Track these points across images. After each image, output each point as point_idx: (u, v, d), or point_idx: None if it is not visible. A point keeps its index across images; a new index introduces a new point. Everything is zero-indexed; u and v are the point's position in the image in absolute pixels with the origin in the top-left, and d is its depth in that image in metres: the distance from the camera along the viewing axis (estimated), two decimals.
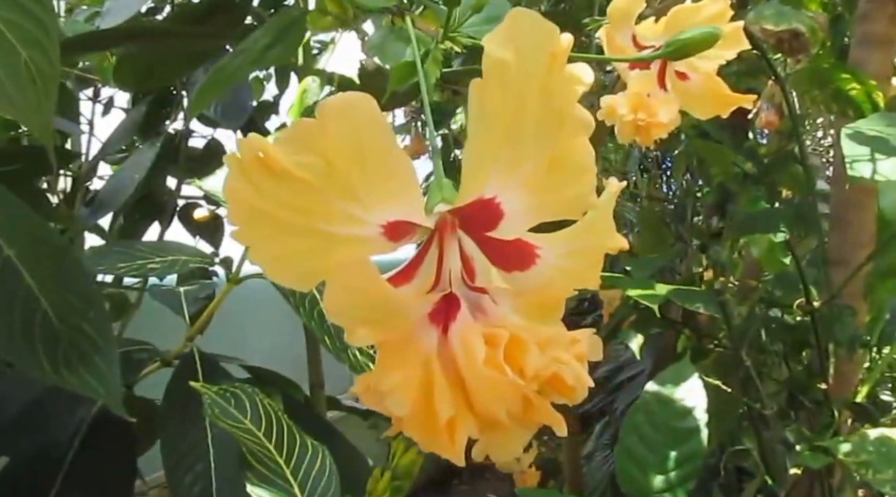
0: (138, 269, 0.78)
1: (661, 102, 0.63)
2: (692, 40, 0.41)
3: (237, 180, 0.27)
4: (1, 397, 0.78)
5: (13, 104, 0.54)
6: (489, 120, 0.26)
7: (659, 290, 1.07)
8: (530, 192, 0.28)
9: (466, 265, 0.31)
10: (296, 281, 0.28)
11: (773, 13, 0.99)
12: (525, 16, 0.26)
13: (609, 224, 0.31)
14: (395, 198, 0.27)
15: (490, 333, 0.28)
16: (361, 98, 0.26)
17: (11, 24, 0.54)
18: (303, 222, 0.27)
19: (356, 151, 0.26)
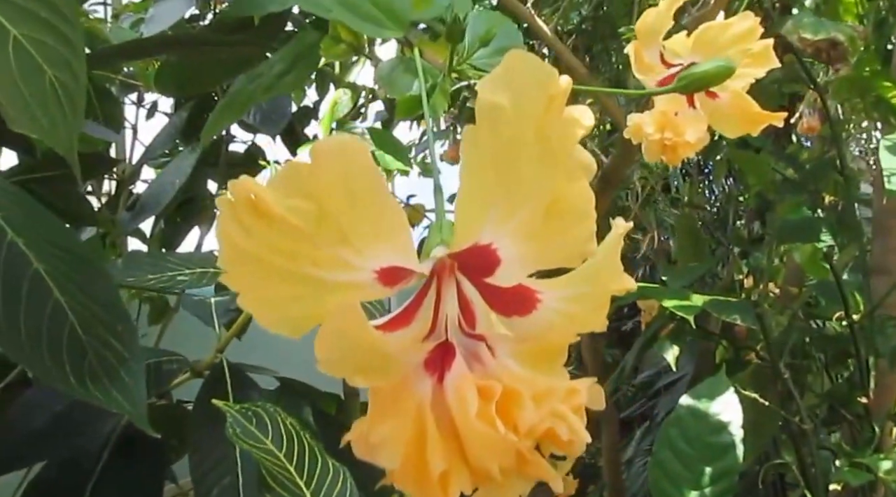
0: (168, 280, 0.78)
1: (689, 121, 0.61)
2: (706, 74, 0.40)
3: (228, 223, 0.26)
4: (32, 406, 0.79)
5: (37, 123, 0.54)
6: (483, 165, 0.25)
7: (695, 300, 1.05)
8: (527, 239, 0.27)
9: (465, 309, 0.30)
10: (286, 328, 0.27)
11: (811, 22, 0.97)
12: (522, 58, 0.25)
13: (615, 266, 0.29)
14: (388, 243, 0.27)
15: (484, 386, 0.27)
16: (353, 142, 0.25)
17: (37, 42, 0.54)
18: (294, 267, 0.26)
19: (348, 196, 0.25)
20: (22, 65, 0.53)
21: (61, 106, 0.55)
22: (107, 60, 1.27)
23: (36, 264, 0.64)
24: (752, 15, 0.59)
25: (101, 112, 1.39)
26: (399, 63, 0.42)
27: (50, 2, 0.54)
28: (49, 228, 0.68)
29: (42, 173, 1.19)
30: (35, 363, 0.62)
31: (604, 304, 0.30)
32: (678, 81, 0.41)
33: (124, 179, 1.60)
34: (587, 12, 1.80)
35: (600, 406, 0.29)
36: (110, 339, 0.67)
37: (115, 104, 1.48)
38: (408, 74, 0.40)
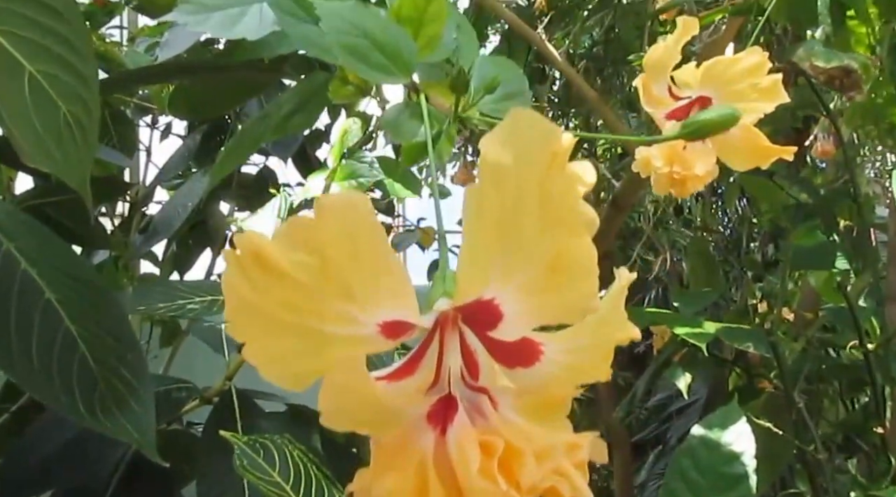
0: (178, 309, 0.79)
1: (698, 155, 0.62)
2: (711, 122, 0.40)
3: (234, 275, 0.26)
4: (44, 433, 0.79)
5: (51, 158, 0.55)
6: (487, 222, 0.26)
7: (707, 328, 1.05)
8: (530, 295, 0.27)
9: (469, 359, 0.30)
10: (289, 381, 0.28)
11: (824, 50, 0.97)
12: (525, 116, 0.26)
13: (620, 317, 0.30)
14: (391, 297, 0.27)
15: (487, 441, 0.27)
16: (357, 197, 0.26)
17: (52, 77, 0.55)
18: (298, 320, 0.26)
19: (352, 250, 0.26)
20: (37, 100, 0.54)
21: (74, 140, 0.56)
22: (123, 85, 1.28)
23: (48, 294, 0.65)
24: (760, 50, 0.60)
25: (115, 134, 1.41)
26: (405, 108, 0.42)
27: (64, 38, 0.55)
28: (62, 257, 0.69)
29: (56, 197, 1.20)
30: (46, 393, 0.63)
31: (608, 355, 0.30)
32: (683, 128, 0.42)
33: (137, 201, 1.61)
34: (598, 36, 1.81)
35: (603, 460, 0.29)
36: (120, 368, 0.67)
37: (129, 126, 1.50)
38: (413, 120, 0.41)
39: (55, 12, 0.56)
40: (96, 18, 1.46)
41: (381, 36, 0.40)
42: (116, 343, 0.68)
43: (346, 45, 0.38)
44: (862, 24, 0.90)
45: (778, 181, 1.33)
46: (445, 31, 0.44)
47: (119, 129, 1.44)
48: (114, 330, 0.68)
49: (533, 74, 1.67)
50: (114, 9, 1.51)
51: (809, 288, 1.56)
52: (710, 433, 0.92)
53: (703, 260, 1.54)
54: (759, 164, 0.63)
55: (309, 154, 1.54)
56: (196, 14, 0.49)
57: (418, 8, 0.43)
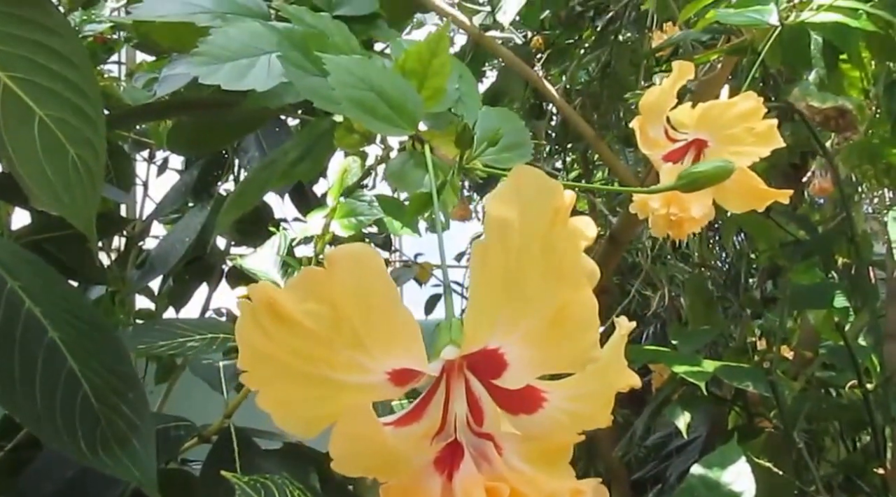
0: (178, 347, 0.80)
1: (694, 197, 0.63)
2: (705, 174, 0.42)
3: (248, 325, 0.28)
4: (42, 473, 0.80)
5: (59, 202, 0.56)
6: (492, 276, 0.27)
7: (706, 366, 1.06)
8: (534, 345, 0.29)
9: (474, 406, 0.32)
10: (302, 427, 0.29)
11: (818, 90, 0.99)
12: (528, 174, 0.27)
13: (620, 365, 0.31)
14: (399, 346, 0.28)
15: (492, 487, 0.28)
16: (366, 252, 0.27)
17: (61, 122, 0.56)
18: (310, 369, 0.28)
19: (362, 301, 0.27)
20: (46, 144, 0.55)
21: (82, 182, 0.57)
22: (122, 122, 1.30)
23: (52, 332, 0.66)
24: (755, 95, 0.62)
25: (112, 169, 1.42)
26: (409, 158, 0.44)
27: (73, 83, 0.57)
28: (64, 296, 0.70)
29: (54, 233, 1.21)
30: (48, 432, 0.63)
31: (609, 402, 0.32)
32: (679, 179, 0.43)
33: (134, 236, 1.62)
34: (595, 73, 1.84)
35: None
36: (122, 406, 0.68)
37: (126, 161, 1.51)
38: (418, 170, 0.42)
39: (64, 58, 0.57)
40: (96, 56, 1.48)
41: (388, 89, 0.41)
42: (118, 381, 0.69)
43: (353, 98, 0.40)
44: (855, 68, 0.92)
45: (775, 218, 1.35)
46: (448, 83, 0.46)
47: (116, 163, 1.45)
48: (115, 368, 0.69)
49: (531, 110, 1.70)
50: (113, 46, 1.53)
51: (809, 326, 1.58)
52: (710, 472, 0.93)
53: (701, 297, 1.56)
54: (755, 206, 0.65)
55: (305, 189, 1.55)
56: (207, 65, 0.51)
57: (423, 61, 0.45)
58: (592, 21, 1.77)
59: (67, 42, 0.57)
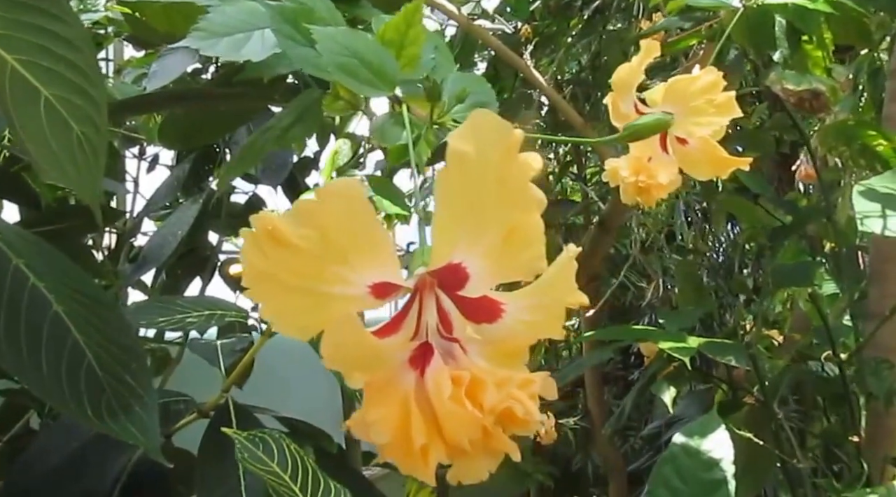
0: (178, 322, 0.86)
1: (661, 165, 0.70)
2: (645, 126, 0.49)
3: (250, 249, 0.34)
4: (46, 448, 0.86)
5: (66, 175, 0.63)
6: (453, 201, 0.34)
7: (691, 342, 1.13)
8: (490, 259, 0.36)
9: (444, 318, 0.39)
10: (298, 332, 0.36)
11: (793, 73, 1.05)
12: (485, 116, 0.34)
13: (568, 282, 0.38)
14: (379, 264, 0.35)
15: (456, 374, 0.35)
16: (354, 184, 0.34)
17: (65, 101, 0.63)
18: (303, 283, 0.34)
19: (347, 226, 0.34)
20: (52, 122, 0.62)
21: (86, 158, 0.63)
22: (115, 115, 1.36)
23: (56, 306, 0.71)
24: (716, 69, 0.68)
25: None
26: (390, 117, 0.51)
27: (76, 65, 0.63)
28: (67, 274, 0.75)
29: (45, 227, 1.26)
30: (56, 398, 0.69)
31: (560, 315, 0.38)
32: (624, 131, 0.50)
33: (125, 232, 1.67)
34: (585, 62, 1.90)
35: (553, 396, 0.37)
36: (125, 375, 0.73)
37: (115, 158, 1.56)
38: (397, 127, 0.49)
39: (68, 42, 0.63)
40: None
41: (369, 56, 0.49)
42: (121, 352, 0.74)
43: (338, 63, 0.47)
44: (818, 49, 0.98)
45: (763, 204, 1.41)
46: (424, 53, 0.53)
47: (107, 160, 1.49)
48: (119, 340, 0.75)
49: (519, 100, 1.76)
50: (102, 41, 1.58)
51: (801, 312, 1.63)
52: (691, 441, 0.99)
53: (691, 282, 1.61)
54: (718, 174, 0.71)
55: (298, 182, 1.61)
56: (207, 40, 0.58)
57: (400, 32, 0.52)
58: (580, 10, 1.83)
59: (71, 27, 0.64)
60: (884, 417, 1.17)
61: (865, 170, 1.19)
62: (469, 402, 0.34)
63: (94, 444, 0.87)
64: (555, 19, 1.78)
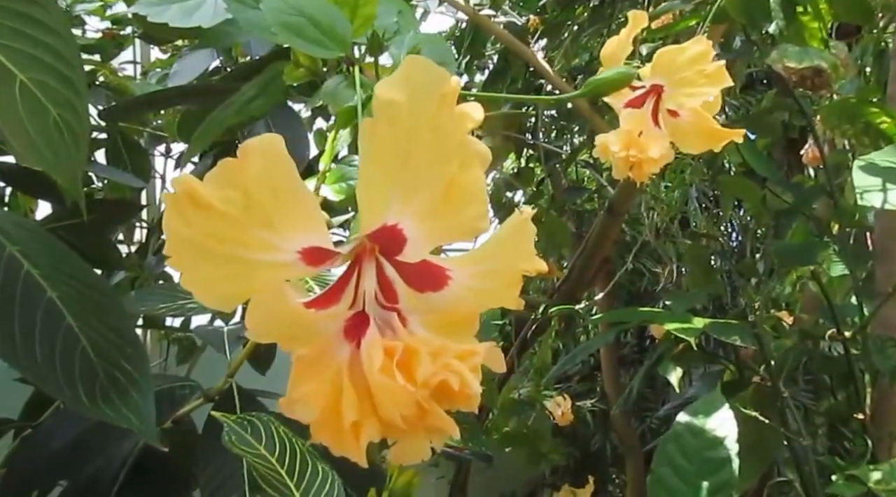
0: (178, 308, 0.82)
1: (652, 139, 0.65)
2: (607, 80, 0.44)
3: (171, 213, 0.30)
4: (52, 431, 0.83)
5: (44, 160, 0.59)
6: (382, 155, 0.29)
7: (696, 323, 1.08)
8: (427, 219, 0.31)
9: (388, 288, 0.34)
10: (221, 303, 0.31)
11: (796, 51, 1.00)
12: (418, 62, 0.29)
13: (524, 247, 0.33)
14: (306, 226, 0.30)
15: (388, 345, 0.30)
16: (275, 139, 0.29)
17: (42, 85, 0.59)
18: (226, 250, 0.30)
19: (271, 186, 0.29)
20: (28, 105, 0.58)
21: (65, 141, 0.60)
22: (129, 111, 1.33)
23: (50, 292, 0.68)
24: (705, 39, 0.63)
25: (129, 162, 1.44)
26: (342, 80, 0.46)
27: (53, 48, 0.59)
28: (63, 260, 0.72)
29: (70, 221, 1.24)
30: (50, 384, 0.66)
31: (514, 282, 0.33)
32: (585, 87, 0.45)
33: (153, 226, 1.66)
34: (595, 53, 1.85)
35: (500, 369, 0.32)
36: (121, 361, 0.70)
37: (142, 155, 1.54)
38: (349, 90, 0.45)
39: (45, 26, 0.60)
40: (106, 51, 1.51)
41: (317, 15, 0.44)
42: (117, 338, 0.71)
43: (283, 22, 0.43)
44: (814, 20, 0.93)
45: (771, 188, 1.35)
46: (387, 16, 0.49)
47: (133, 157, 1.48)
48: (115, 326, 0.71)
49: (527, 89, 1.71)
50: (122, 41, 1.56)
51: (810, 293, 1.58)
52: (696, 420, 0.94)
53: (700, 265, 1.56)
54: (710, 146, 0.66)
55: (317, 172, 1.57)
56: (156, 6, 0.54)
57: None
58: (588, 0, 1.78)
59: (48, 11, 0.60)
60: (889, 395, 1.11)
61: (870, 148, 1.14)
62: (401, 374, 0.29)
63: (98, 428, 0.84)
64: (563, 10, 1.73)
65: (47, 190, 1.31)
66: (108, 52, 1.51)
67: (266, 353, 1.13)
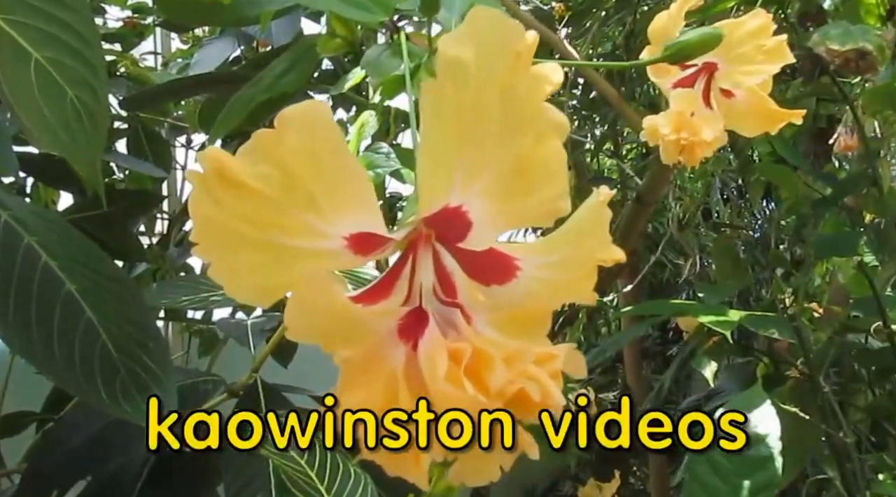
0: (201, 301, 0.78)
1: (705, 121, 0.59)
2: (690, 42, 0.39)
3: (198, 194, 0.25)
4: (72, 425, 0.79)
5: (59, 142, 0.54)
6: (445, 124, 0.24)
7: (732, 316, 1.03)
8: (497, 199, 0.26)
9: (445, 280, 0.29)
10: (255, 297, 0.26)
11: (838, 33, 0.95)
12: (486, 14, 0.24)
13: (600, 233, 0.28)
14: (354, 208, 0.25)
15: (454, 348, 0.25)
16: (318, 106, 0.24)
17: (58, 64, 0.54)
18: (262, 235, 0.25)
19: (312, 160, 0.24)
20: (43, 85, 0.54)
21: (82, 124, 0.55)
22: (148, 100, 1.29)
23: (69, 285, 0.64)
24: (764, 12, 0.58)
25: (150, 153, 1.41)
26: (385, 48, 0.41)
27: (70, 26, 0.55)
28: (83, 252, 0.68)
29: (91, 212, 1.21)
30: (68, 380, 0.62)
31: (590, 273, 0.28)
32: (665, 51, 0.40)
33: (175, 217, 1.63)
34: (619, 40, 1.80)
35: (581, 374, 0.27)
36: (142, 356, 0.66)
37: (163, 146, 1.51)
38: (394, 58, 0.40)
39: (61, 2, 0.55)
40: (127, 40, 1.47)
41: None
42: (138, 332, 0.67)
43: None
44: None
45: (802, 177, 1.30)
46: None
47: (154, 148, 1.45)
48: (135, 319, 0.67)
49: None
50: (143, 30, 1.52)
51: (838, 284, 1.53)
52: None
53: (729, 256, 1.51)
54: (768, 128, 0.61)
55: None
56: None
57: None
58: None
59: None
60: None
61: None
62: (470, 382, 0.24)
63: (120, 424, 0.80)
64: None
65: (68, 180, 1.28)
66: (128, 41, 1.48)
67: (288, 345, 1.09)
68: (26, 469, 0.80)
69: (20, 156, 1.11)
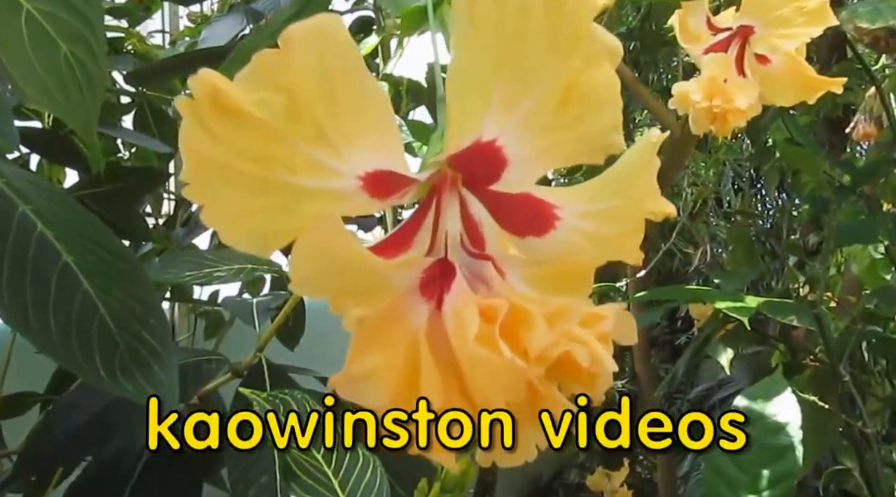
0: (205, 276, 0.75)
1: (739, 87, 0.55)
2: None
3: (190, 127, 0.21)
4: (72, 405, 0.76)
5: (52, 100, 0.50)
6: (481, 40, 0.20)
7: (749, 302, 0.99)
8: (538, 132, 0.22)
9: (473, 230, 0.25)
10: (255, 245, 0.22)
11: (868, 10, 0.90)
12: None
13: (649, 181, 0.24)
14: (373, 140, 0.21)
15: (487, 305, 0.21)
16: (330, 20, 0.21)
17: (50, 16, 0.50)
18: (264, 173, 0.21)
19: (324, 82, 0.21)
20: (35, 39, 0.50)
21: (77, 82, 0.51)
22: (156, 75, 1.25)
23: (66, 256, 0.61)
24: None
25: (156, 132, 1.39)
26: None
27: None
28: (84, 225, 0.65)
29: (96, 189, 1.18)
30: (65, 356, 0.59)
31: (637, 228, 0.25)
32: None
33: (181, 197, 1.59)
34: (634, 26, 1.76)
35: (632, 340, 0.23)
36: (142, 332, 0.63)
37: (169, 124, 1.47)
38: None
39: None
40: (134, 16, 1.44)
41: None
42: (138, 307, 0.64)
43: None
44: None
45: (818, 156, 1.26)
46: None
47: (160, 125, 1.42)
48: (136, 294, 0.64)
49: None
50: (150, 5, 1.48)
51: (851, 275, 1.50)
52: (754, 404, 0.85)
53: (742, 244, 1.48)
54: (805, 97, 0.57)
55: None
56: None
57: None
58: None
59: None
60: None
61: None
62: (507, 344, 0.20)
63: (122, 403, 0.77)
64: None
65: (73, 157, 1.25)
66: (135, 17, 1.44)
67: (295, 326, 1.06)
68: (22, 449, 0.77)
69: (23, 131, 1.08)
